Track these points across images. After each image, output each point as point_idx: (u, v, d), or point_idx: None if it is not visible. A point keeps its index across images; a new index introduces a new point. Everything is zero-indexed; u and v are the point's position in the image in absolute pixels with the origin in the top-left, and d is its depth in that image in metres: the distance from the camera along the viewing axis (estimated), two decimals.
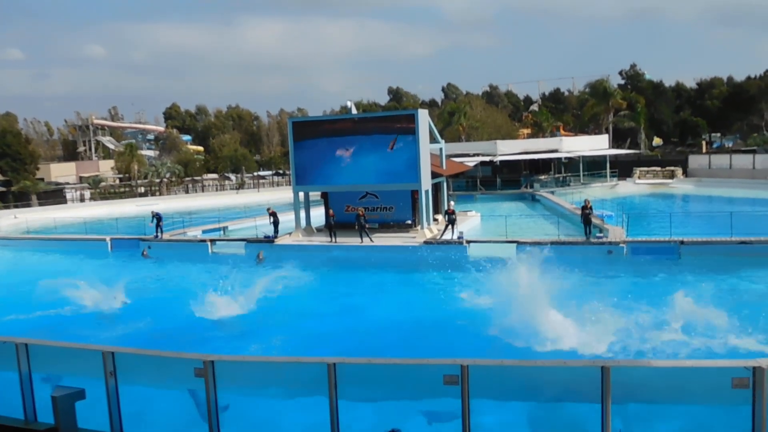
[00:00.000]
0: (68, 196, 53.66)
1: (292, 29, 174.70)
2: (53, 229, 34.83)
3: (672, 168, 47.85)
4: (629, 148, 60.36)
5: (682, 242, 20.96)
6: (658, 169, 48.55)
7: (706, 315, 13.33)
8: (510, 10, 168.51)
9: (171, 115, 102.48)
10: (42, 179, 54.90)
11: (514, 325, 14.21)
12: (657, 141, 69.26)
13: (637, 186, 46.05)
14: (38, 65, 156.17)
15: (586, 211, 23.03)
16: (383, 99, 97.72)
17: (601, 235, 23.30)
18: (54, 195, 51.92)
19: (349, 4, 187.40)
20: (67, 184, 59.87)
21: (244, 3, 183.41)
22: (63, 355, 7.58)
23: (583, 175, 47.40)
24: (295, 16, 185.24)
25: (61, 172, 65.43)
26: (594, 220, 23.93)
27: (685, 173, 47.99)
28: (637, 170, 48.54)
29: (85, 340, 8.97)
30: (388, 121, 25.66)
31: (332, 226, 25.30)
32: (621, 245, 21.58)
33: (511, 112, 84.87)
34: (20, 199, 48.06)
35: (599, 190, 42.27)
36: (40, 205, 47.41)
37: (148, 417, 8.30)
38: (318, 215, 28.54)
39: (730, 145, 66.20)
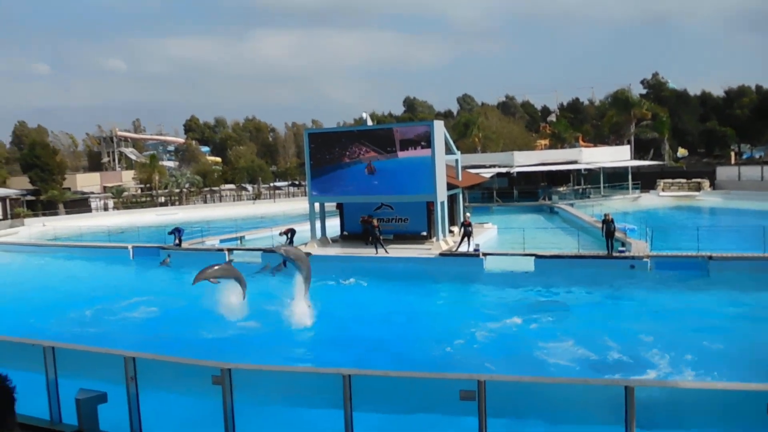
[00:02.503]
0: (93, 205, 54.82)
1: (306, 41, 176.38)
2: (79, 236, 35.51)
3: (698, 180, 46.56)
4: (652, 159, 59.04)
5: (710, 257, 20.09)
6: (684, 181, 47.30)
7: (739, 331, 13.04)
8: (524, 19, 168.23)
9: (190, 127, 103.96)
10: (68, 189, 55.99)
11: (529, 343, 14.10)
12: (682, 152, 67.88)
13: (661, 198, 44.88)
14: (63, 79, 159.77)
15: (607, 224, 22.57)
16: (398, 110, 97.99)
17: (624, 249, 22.69)
18: (80, 204, 53.06)
19: (362, 15, 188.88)
20: (92, 193, 61.02)
21: (259, 17, 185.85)
22: (87, 358, 7.74)
23: (604, 187, 46.70)
24: (308, 28, 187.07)
25: (86, 182, 66.69)
26: (616, 234, 23.59)
27: (713, 185, 46.49)
28: (661, 182, 47.37)
29: (106, 345, 9.11)
30: (404, 132, 25.70)
31: (370, 236, 25.23)
32: (645, 260, 21.00)
33: (528, 122, 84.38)
34: (48, 208, 49.20)
35: (621, 203, 41.61)
36: (67, 213, 48.48)
37: (166, 422, 8.40)
38: (333, 225, 28.67)
39: (761, 155, 64.43)
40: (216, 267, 17.62)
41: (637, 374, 11.71)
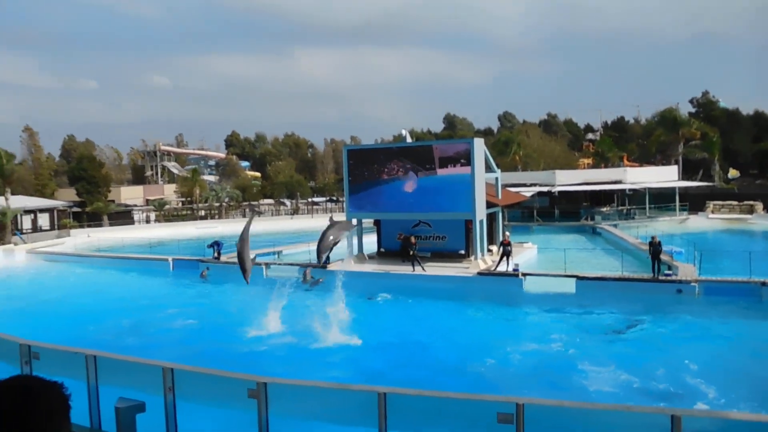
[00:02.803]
0: (135, 217, 56.39)
1: (347, 59, 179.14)
2: (121, 248, 36.50)
3: (751, 202, 44.47)
4: (701, 180, 57.01)
5: (763, 283, 19.21)
6: (735, 203, 45.24)
7: None
8: (568, 37, 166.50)
9: (231, 142, 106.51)
10: (113, 201, 57.76)
11: (574, 370, 13.69)
12: (733, 173, 65.36)
13: (710, 221, 43.09)
14: (111, 95, 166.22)
15: (654, 246, 21.82)
16: (437, 127, 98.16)
17: (670, 272, 21.84)
18: (123, 216, 54.71)
19: (403, 34, 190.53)
20: (135, 206, 62.79)
21: (301, 34, 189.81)
22: (126, 368, 7.86)
23: (650, 208, 45.31)
24: (349, 46, 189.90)
25: (129, 195, 68.76)
26: (662, 257, 22.82)
27: (767, 208, 44.36)
28: (711, 204, 45.44)
29: (144, 356, 9.26)
30: (443, 150, 25.61)
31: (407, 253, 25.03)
32: (692, 284, 20.23)
33: (570, 141, 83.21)
34: (93, 219, 50.83)
35: (667, 225, 40.24)
36: (111, 225, 49.98)
37: None
38: (370, 242, 28.67)
39: None
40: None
41: (684, 403, 11.19)
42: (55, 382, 1.62)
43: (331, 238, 17.98)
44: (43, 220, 47.36)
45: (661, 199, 46.25)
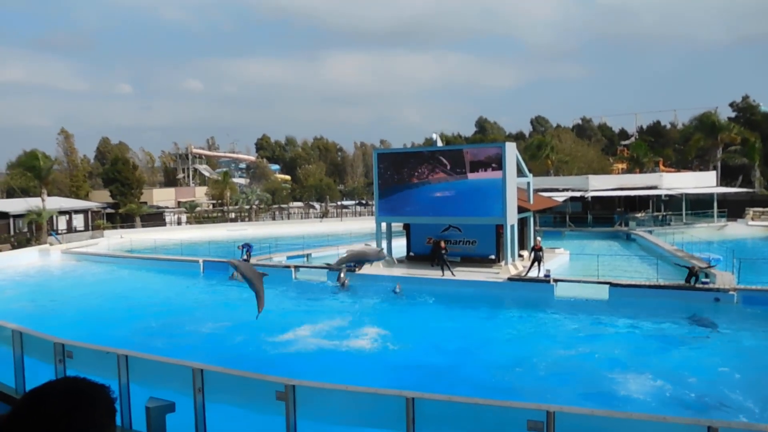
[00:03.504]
0: (167, 219, 57.40)
1: (377, 62, 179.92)
2: (153, 249, 37.18)
3: None
4: (741, 186, 55.39)
5: None
6: None
7: None
8: (602, 39, 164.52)
9: (261, 145, 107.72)
10: (145, 203, 58.93)
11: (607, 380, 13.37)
12: None
13: (750, 228, 41.74)
14: (144, 98, 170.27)
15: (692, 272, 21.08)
16: (468, 131, 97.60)
17: (708, 280, 21.21)
18: (155, 218, 55.77)
19: (435, 37, 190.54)
20: (167, 208, 63.96)
21: (331, 39, 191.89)
22: (157, 368, 7.93)
23: (686, 215, 44.15)
24: (380, 50, 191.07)
25: (162, 196, 70.07)
26: (698, 264, 22.17)
27: None
28: (750, 210, 44.19)
29: (174, 356, 9.37)
30: (474, 154, 25.39)
31: (436, 258, 25.06)
32: (731, 293, 19.65)
33: (605, 145, 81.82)
34: (126, 221, 51.99)
35: (705, 231, 39.15)
36: (143, 226, 50.99)
37: None
38: (399, 246, 28.60)
39: None
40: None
41: (721, 415, 10.81)
42: (103, 385, 1.61)
43: (354, 253, 17.92)
44: (78, 220, 48.58)
45: (698, 206, 45.03)
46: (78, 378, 1.62)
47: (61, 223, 46.54)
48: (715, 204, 44.09)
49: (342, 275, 24.98)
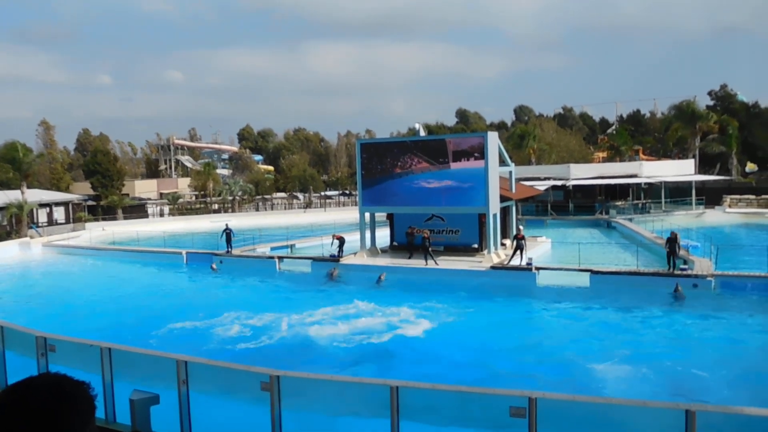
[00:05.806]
0: (150, 211, 56.82)
1: (359, 53, 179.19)
2: (136, 241, 36.84)
3: None
4: (719, 174, 56.20)
5: None
6: (753, 197, 44.70)
7: None
8: (583, 30, 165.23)
9: (244, 136, 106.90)
10: (127, 195, 58.21)
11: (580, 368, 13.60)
12: (751, 167, 64.10)
13: (728, 215, 42.63)
14: (125, 90, 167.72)
15: (671, 242, 21.43)
16: (450, 121, 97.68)
17: (686, 267, 21.55)
18: (137, 210, 55.15)
19: (416, 28, 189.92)
20: (149, 199, 63.28)
21: (312, 29, 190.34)
22: (141, 360, 7.92)
23: (665, 202, 44.75)
24: (361, 40, 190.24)
25: (144, 188, 69.25)
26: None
27: None
28: (728, 198, 44.98)
29: (158, 348, 9.37)
30: (457, 144, 25.46)
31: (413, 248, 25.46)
32: (709, 279, 20.01)
33: (586, 134, 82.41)
34: (108, 213, 51.32)
35: (683, 219, 39.72)
36: (125, 218, 50.39)
37: (215, 425, 8.48)
38: (383, 236, 28.66)
39: None
40: None
41: (699, 398, 11.07)
42: (83, 381, 1.61)
43: None
44: (59, 213, 47.92)
45: (677, 193, 45.67)
46: (59, 374, 1.62)
47: (42, 215, 45.88)
48: (694, 192, 44.76)
49: (335, 270, 25.10)
